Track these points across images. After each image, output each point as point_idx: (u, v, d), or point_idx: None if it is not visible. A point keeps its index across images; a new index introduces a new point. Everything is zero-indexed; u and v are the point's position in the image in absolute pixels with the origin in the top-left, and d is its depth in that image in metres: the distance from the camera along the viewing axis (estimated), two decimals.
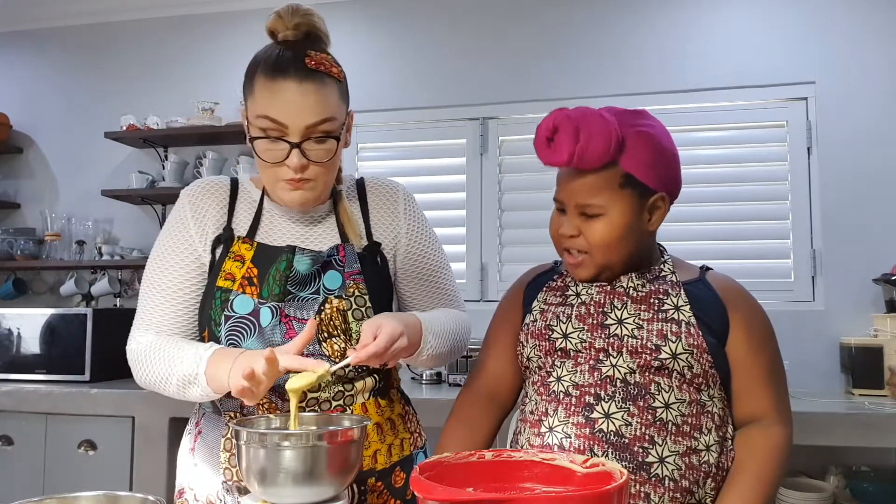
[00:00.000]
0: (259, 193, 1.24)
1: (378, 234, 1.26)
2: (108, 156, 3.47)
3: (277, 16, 1.13)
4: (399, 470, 1.22)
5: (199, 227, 1.20)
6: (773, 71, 2.84)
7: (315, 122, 1.09)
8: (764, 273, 2.81)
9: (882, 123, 2.72)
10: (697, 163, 2.90)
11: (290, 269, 1.15)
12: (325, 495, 0.93)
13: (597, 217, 1.14)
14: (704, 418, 1.12)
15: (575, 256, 1.18)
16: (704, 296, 1.17)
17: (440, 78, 3.17)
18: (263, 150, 1.11)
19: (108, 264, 3.31)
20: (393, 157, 3.27)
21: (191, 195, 1.23)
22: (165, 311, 1.18)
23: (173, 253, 1.20)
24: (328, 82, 1.11)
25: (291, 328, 1.13)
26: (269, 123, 1.09)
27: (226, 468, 1.15)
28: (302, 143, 1.09)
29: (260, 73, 1.10)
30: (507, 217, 3.08)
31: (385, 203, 1.29)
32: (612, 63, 2.99)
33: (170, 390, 1.14)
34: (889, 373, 2.42)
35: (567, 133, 1.10)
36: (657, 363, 1.11)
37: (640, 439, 1.08)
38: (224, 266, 1.17)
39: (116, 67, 3.55)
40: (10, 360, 2.98)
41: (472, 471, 0.91)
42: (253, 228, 1.20)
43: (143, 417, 2.64)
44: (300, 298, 1.15)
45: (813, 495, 2.25)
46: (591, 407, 1.10)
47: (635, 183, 1.14)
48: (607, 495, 0.75)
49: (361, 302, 1.17)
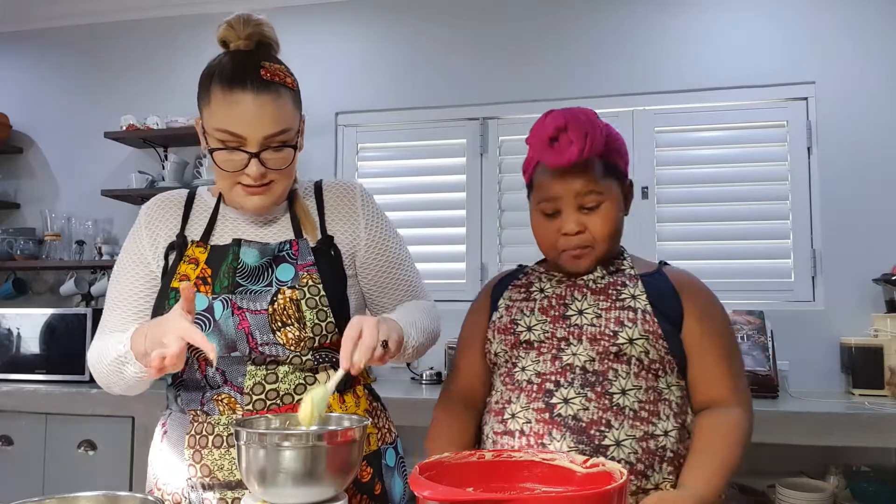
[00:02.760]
0: (214, 201, 1.28)
1: (334, 229, 1.27)
2: (108, 156, 3.47)
3: (229, 25, 1.17)
4: (366, 464, 1.22)
5: (151, 239, 1.26)
6: (773, 71, 2.84)
7: (272, 133, 1.13)
8: (764, 273, 2.81)
9: (882, 123, 2.72)
10: (697, 163, 2.90)
11: (238, 260, 1.19)
12: (325, 495, 0.93)
13: (596, 208, 1.20)
14: (662, 405, 1.15)
15: (576, 251, 1.22)
16: (660, 285, 1.22)
17: (440, 78, 3.17)
18: (222, 160, 1.15)
19: (107, 264, 3.31)
20: (393, 157, 3.27)
21: (147, 209, 1.29)
22: (119, 319, 1.24)
23: (125, 266, 1.27)
24: (283, 93, 1.15)
25: (244, 319, 1.15)
26: (227, 136, 1.12)
27: (190, 465, 1.16)
28: (260, 152, 1.13)
29: (216, 85, 1.13)
30: (507, 217, 3.08)
31: (342, 200, 1.30)
32: (612, 63, 2.99)
33: (115, 381, 1.18)
34: (889, 373, 2.42)
35: (577, 131, 1.15)
36: (615, 349, 1.16)
37: (596, 423, 1.11)
38: (178, 269, 1.20)
39: (116, 67, 3.55)
40: (10, 360, 2.98)
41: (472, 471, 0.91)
42: (207, 233, 1.24)
43: (142, 417, 2.64)
44: (252, 291, 1.17)
45: (813, 495, 2.25)
46: (551, 393, 1.15)
47: (614, 170, 1.23)
48: (607, 495, 0.75)
49: (315, 291, 1.17)
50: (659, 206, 2.91)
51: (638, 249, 1.25)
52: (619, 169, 1.23)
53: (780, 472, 2.48)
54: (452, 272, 3.09)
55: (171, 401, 1.25)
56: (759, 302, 2.73)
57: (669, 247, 2.90)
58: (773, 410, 2.20)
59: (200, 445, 1.16)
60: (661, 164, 2.91)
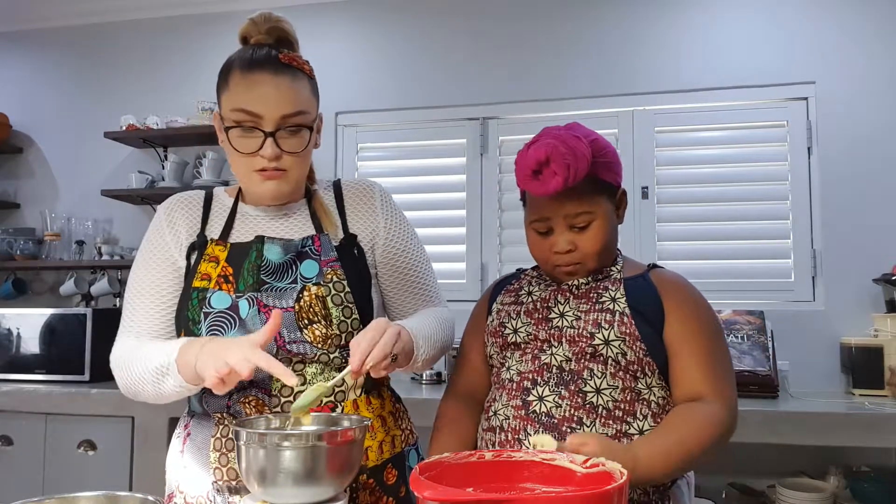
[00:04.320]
0: (232, 201, 1.28)
1: (354, 227, 1.27)
2: (107, 156, 3.47)
3: (251, 22, 1.20)
4: (391, 467, 1.23)
5: (174, 236, 1.25)
6: (774, 71, 2.84)
7: (289, 112, 1.14)
8: (764, 273, 2.81)
9: (882, 123, 2.72)
10: (697, 163, 2.90)
11: (261, 258, 1.18)
12: (325, 495, 0.93)
13: (587, 227, 1.22)
14: (639, 405, 1.17)
15: (569, 267, 1.25)
16: (642, 289, 1.24)
17: (440, 78, 3.17)
18: (237, 140, 1.15)
19: (107, 264, 3.31)
20: (393, 157, 3.27)
21: (166, 208, 1.28)
22: (144, 315, 1.22)
23: (151, 260, 1.24)
24: (300, 77, 1.17)
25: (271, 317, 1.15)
26: (243, 116, 1.13)
27: (216, 468, 1.15)
28: (276, 132, 1.14)
29: (235, 69, 1.15)
30: (507, 217, 3.08)
31: (361, 199, 1.31)
32: (612, 63, 2.99)
33: (147, 390, 1.14)
34: (889, 373, 2.42)
35: (559, 162, 1.16)
36: (591, 349, 1.18)
37: (568, 420, 1.14)
38: (199, 268, 1.19)
39: (116, 67, 3.55)
40: (10, 360, 2.98)
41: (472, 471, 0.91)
42: (226, 231, 1.24)
43: (142, 417, 2.64)
44: (277, 288, 1.16)
45: (813, 495, 2.25)
46: (528, 391, 1.19)
47: (604, 185, 1.24)
48: (607, 495, 0.75)
49: (340, 287, 1.17)
50: (659, 206, 2.91)
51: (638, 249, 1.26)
52: (608, 183, 1.25)
53: (780, 472, 2.48)
54: (452, 272, 3.09)
55: (195, 404, 1.23)
56: (759, 302, 2.73)
57: (669, 247, 2.90)
58: (773, 410, 2.20)
59: (227, 449, 1.15)
60: (660, 164, 2.92)
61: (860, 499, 2.33)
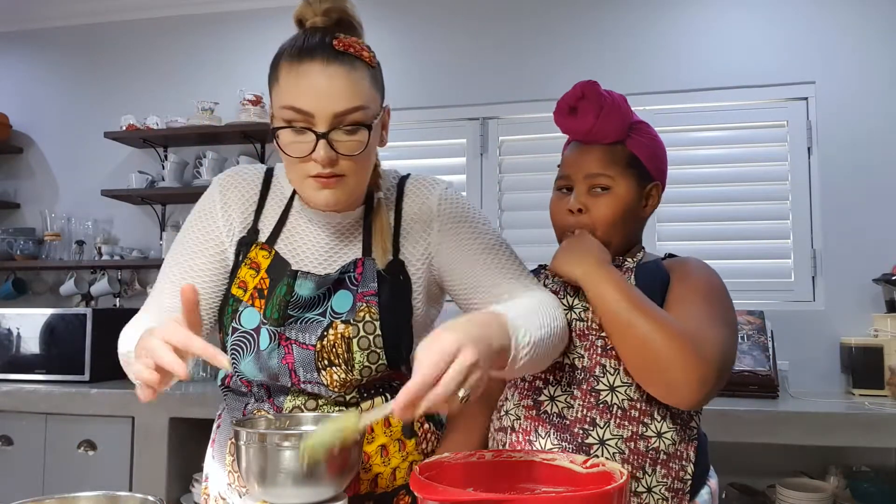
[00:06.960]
0: (291, 191, 1.15)
1: (406, 250, 1.13)
2: (108, 156, 3.47)
3: (306, 2, 1.04)
4: (404, 493, 1.12)
5: (227, 220, 1.13)
6: (773, 71, 2.83)
7: (343, 109, 0.98)
8: (764, 273, 2.81)
9: (882, 123, 2.72)
10: (697, 163, 2.90)
11: (292, 293, 1.07)
12: (325, 495, 0.93)
13: (603, 193, 1.18)
14: (657, 405, 1.08)
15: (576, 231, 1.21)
16: (653, 273, 1.19)
17: (440, 78, 3.17)
18: (288, 143, 1.00)
19: (107, 264, 3.31)
20: (393, 157, 3.26)
21: (222, 186, 1.15)
22: (172, 300, 1.08)
23: (198, 241, 1.13)
24: (358, 66, 1.00)
25: (290, 352, 1.06)
26: (293, 114, 0.98)
27: (229, 471, 1.15)
28: (329, 133, 0.98)
29: (284, 60, 1.01)
30: (507, 217, 3.08)
31: (419, 204, 1.15)
32: (611, 63, 2.99)
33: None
34: (889, 373, 2.42)
35: (592, 103, 1.16)
36: (600, 342, 1.13)
37: (581, 421, 1.09)
38: (239, 273, 1.11)
39: (116, 67, 3.55)
40: (10, 360, 2.98)
41: (472, 471, 0.91)
42: (275, 233, 1.13)
43: (142, 417, 2.64)
44: (303, 320, 1.07)
45: (813, 495, 2.25)
46: (539, 391, 1.15)
47: (639, 165, 1.21)
48: (607, 495, 0.75)
49: (370, 329, 1.05)
50: (659, 205, 2.90)
51: None
52: (642, 165, 1.21)
53: (780, 472, 2.48)
54: None
55: (223, 400, 1.21)
56: (759, 302, 2.72)
57: (669, 247, 2.89)
58: (773, 410, 2.20)
59: None
60: None
61: (860, 499, 2.33)
